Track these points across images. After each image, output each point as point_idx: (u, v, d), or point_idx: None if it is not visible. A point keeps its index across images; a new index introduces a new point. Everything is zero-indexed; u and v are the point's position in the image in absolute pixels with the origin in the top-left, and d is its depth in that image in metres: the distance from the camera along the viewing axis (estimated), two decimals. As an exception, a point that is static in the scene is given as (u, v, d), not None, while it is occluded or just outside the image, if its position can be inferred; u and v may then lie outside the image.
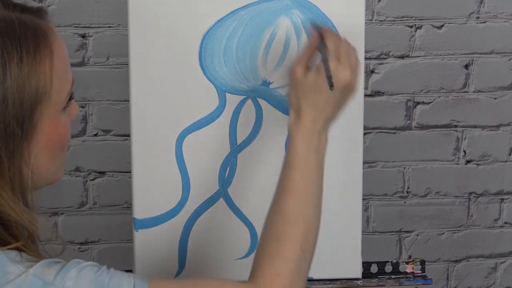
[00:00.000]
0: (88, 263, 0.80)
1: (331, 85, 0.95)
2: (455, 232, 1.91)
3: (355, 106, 1.22)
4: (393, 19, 1.79)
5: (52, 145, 0.82)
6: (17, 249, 0.79)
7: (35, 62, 0.77)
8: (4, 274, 0.76)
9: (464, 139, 1.86)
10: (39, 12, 0.82)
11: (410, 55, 1.81)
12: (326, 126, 0.99)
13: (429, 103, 1.84)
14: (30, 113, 0.77)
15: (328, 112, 0.97)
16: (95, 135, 1.78)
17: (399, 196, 1.88)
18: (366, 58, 1.63)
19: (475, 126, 1.86)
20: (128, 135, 1.19)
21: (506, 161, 1.89)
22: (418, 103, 1.84)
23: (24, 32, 0.78)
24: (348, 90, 0.98)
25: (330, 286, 1.25)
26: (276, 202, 0.96)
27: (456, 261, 1.93)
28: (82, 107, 1.76)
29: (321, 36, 1.01)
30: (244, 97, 1.19)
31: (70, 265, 0.79)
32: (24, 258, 0.78)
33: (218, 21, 1.17)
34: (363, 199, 1.26)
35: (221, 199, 1.22)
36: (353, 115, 1.21)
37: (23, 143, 0.78)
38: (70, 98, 0.85)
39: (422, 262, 1.33)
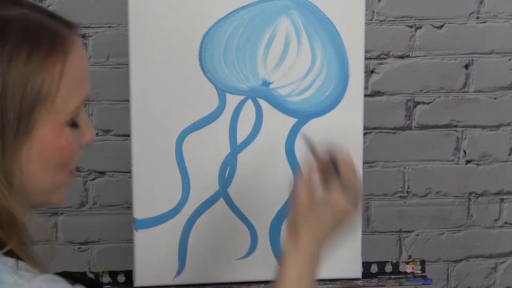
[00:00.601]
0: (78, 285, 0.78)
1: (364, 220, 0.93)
2: (455, 232, 1.91)
3: (355, 106, 1.22)
4: (393, 19, 1.79)
5: (49, 154, 0.79)
6: (13, 255, 0.76)
7: (45, 62, 0.77)
8: None
9: (464, 139, 1.86)
10: (68, 23, 0.82)
11: (410, 55, 1.81)
12: (322, 249, 0.96)
13: (429, 103, 1.84)
14: (30, 110, 0.76)
15: (327, 239, 0.96)
16: (95, 135, 1.78)
17: (399, 196, 1.88)
18: (366, 58, 1.63)
19: (475, 126, 1.86)
20: (128, 135, 1.19)
21: (506, 161, 1.89)
22: (418, 103, 1.84)
23: (41, 32, 0.77)
24: (348, 222, 0.97)
25: (330, 286, 1.25)
26: None
27: (456, 261, 1.93)
28: (82, 107, 1.76)
29: (332, 159, 0.97)
30: (244, 97, 1.19)
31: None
32: (22, 268, 0.76)
33: (218, 21, 1.17)
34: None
35: (221, 199, 1.22)
36: (353, 116, 1.21)
37: (17, 139, 0.76)
38: (76, 124, 0.82)
39: (422, 262, 1.33)
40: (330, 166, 0.96)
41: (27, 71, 0.76)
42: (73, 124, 0.81)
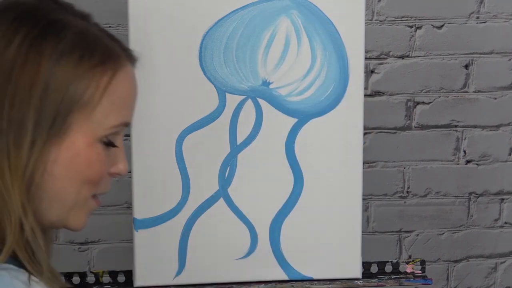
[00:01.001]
0: None
1: None
2: (455, 232, 1.91)
3: (355, 106, 1.22)
4: (393, 19, 1.79)
5: (76, 164, 0.77)
6: (15, 259, 0.74)
7: (93, 71, 0.77)
8: None
9: (464, 139, 1.86)
10: (126, 48, 0.83)
11: (410, 55, 1.81)
12: None
13: (429, 103, 1.84)
14: (67, 112, 0.75)
15: None
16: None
17: (399, 196, 1.88)
18: (366, 58, 1.63)
19: (475, 126, 1.86)
20: (128, 135, 1.19)
21: (506, 161, 1.89)
22: (418, 103, 1.84)
23: (97, 43, 0.78)
24: None
25: (330, 286, 1.25)
26: None
27: (456, 261, 1.93)
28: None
29: None
30: (244, 97, 1.19)
31: None
32: (35, 284, 0.74)
33: (218, 21, 1.17)
34: (363, 199, 1.26)
35: (221, 199, 1.22)
36: (353, 116, 1.21)
37: (49, 136, 0.75)
38: (113, 145, 0.81)
39: (422, 262, 1.33)
40: None
41: (74, 73, 0.75)
42: (108, 144, 0.80)
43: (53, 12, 0.79)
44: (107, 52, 0.79)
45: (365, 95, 1.53)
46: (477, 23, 1.81)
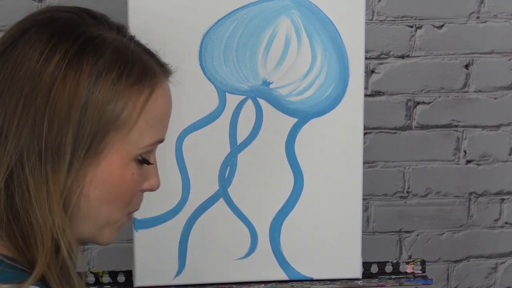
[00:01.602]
0: None
1: None
2: (455, 232, 1.91)
3: (355, 106, 1.22)
4: (393, 19, 1.79)
5: (111, 184, 0.76)
6: (42, 278, 0.72)
7: (131, 89, 0.75)
8: None
9: (464, 139, 1.86)
10: (163, 64, 0.82)
11: (410, 55, 1.81)
12: None
13: (429, 103, 1.84)
14: (105, 132, 0.74)
15: None
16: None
17: (399, 196, 1.88)
18: (366, 58, 1.63)
19: (475, 126, 1.86)
20: (128, 135, 1.19)
21: (506, 161, 1.89)
22: (418, 103, 1.84)
23: (135, 61, 0.77)
24: None
25: (330, 286, 1.25)
26: None
27: (456, 261, 1.93)
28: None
29: None
30: (244, 97, 1.19)
31: None
32: None
33: (218, 21, 1.17)
34: (363, 199, 1.26)
35: (221, 199, 1.22)
36: (353, 116, 1.21)
37: (86, 157, 0.73)
38: (148, 162, 0.80)
39: (423, 262, 1.33)
40: None
41: (112, 92, 0.74)
42: (142, 161, 0.79)
43: (91, 28, 0.78)
44: (144, 69, 0.78)
45: (365, 95, 1.53)
46: (477, 23, 1.81)
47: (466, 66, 1.83)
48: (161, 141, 0.82)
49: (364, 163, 1.25)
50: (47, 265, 0.72)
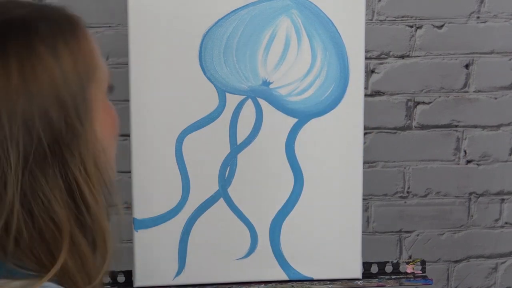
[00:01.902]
0: None
1: None
2: (456, 232, 1.91)
3: (355, 106, 1.22)
4: (393, 19, 1.79)
5: (111, 126, 0.79)
6: (57, 276, 0.71)
7: (78, 42, 0.76)
8: None
9: (465, 139, 1.86)
10: (64, 8, 0.82)
11: (410, 55, 1.81)
12: None
13: (429, 103, 1.84)
14: (87, 90, 0.75)
15: None
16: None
17: (399, 196, 1.87)
18: (366, 58, 1.63)
19: (475, 126, 1.86)
20: (128, 135, 1.19)
21: (506, 161, 1.89)
22: (418, 103, 1.83)
23: (59, 17, 0.77)
24: None
25: (330, 286, 1.25)
26: None
27: (457, 261, 1.93)
28: (82, 107, 1.76)
29: None
30: (244, 97, 1.19)
31: None
32: None
33: (218, 21, 1.17)
34: (363, 199, 1.26)
35: (221, 199, 1.22)
36: (353, 116, 1.21)
37: (92, 121, 0.74)
38: (111, 90, 0.83)
39: (423, 262, 1.33)
40: None
41: (72, 57, 0.74)
42: (110, 90, 0.81)
43: (15, 11, 0.76)
44: (68, 19, 0.78)
45: (365, 95, 1.53)
46: (478, 23, 1.80)
47: (466, 66, 1.83)
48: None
49: (364, 163, 1.25)
50: (66, 259, 0.71)
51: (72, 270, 0.72)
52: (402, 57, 1.81)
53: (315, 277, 1.25)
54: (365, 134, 1.78)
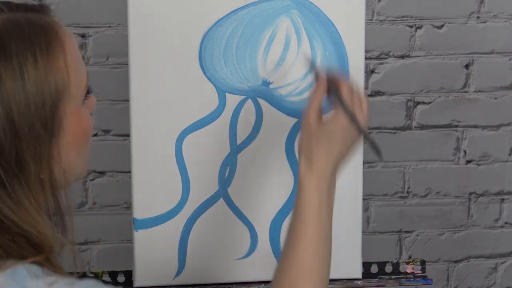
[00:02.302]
0: (111, 286, 0.79)
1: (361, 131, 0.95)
2: (456, 232, 1.91)
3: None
4: (393, 19, 1.79)
5: (78, 140, 0.81)
6: (39, 263, 0.76)
7: (50, 59, 0.76)
8: None
9: (465, 139, 1.86)
10: (43, 9, 0.81)
11: (410, 55, 1.81)
12: (336, 172, 0.97)
13: (429, 103, 1.84)
14: (54, 111, 0.76)
15: (340, 159, 0.96)
16: (95, 135, 1.78)
17: (399, 196, 1.88)
18: (366, 58, 1.63)
19: (475, 126, 1.86)
20: (128, 135, 1.19)
21: (506, 161, 1.89)
22: (418, 103, 1.84)
23: (34, 31, 0.76)
24: (358, 141, 0.98)
25: (330, 286, 1.25)
26: (288, 250, 0.95)
27: (457, 261, 1.93)
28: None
29: (333, 82, 0.99)
30: (244, 97, 1.19)
31: (93, 286, 0.77)
32: (45, 273, 0.76)
33: (218, 21, 1.17)
34: (363, 199, 1.26)
35: (221, 199, 1.22)
36: (353, 115, 1.21)
37: (51, 143, 0.76)
38: (89, 92, 0.84)
39: (423, 262, 1.33)
40: (331, 86, 0.98)
41: (40, 76, 0.75)
42: (84, 99, 0.82)
43: None
44: (44, 31, 0.77)
45: (365, 95, 1.52)
46: (478, 23, 1.81)
47: (466, 66, 1.83)
48: (87, 72, 0.84)
49: (364, 163, 1.25)
50: (50, 253, 0.77)
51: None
52: (402, 57, 1.81)
53: (315, 277, 1.25)
54: (365, 134, 1.78)
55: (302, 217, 0.93)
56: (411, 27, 1.80)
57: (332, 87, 0.98)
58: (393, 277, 1.30)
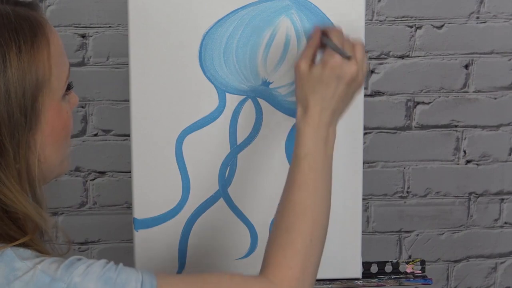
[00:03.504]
0: (96, 260, 0.81)
1: (348, 57, 0.96)
2: (455, 232, 1.91)
3: (355, 106, 1.22)
4: (393, 19, 1.79)
5: (57, 133, 0.82)
6: (25, 244, 0.79)
7: (33, 51, 0.78)
8: (12, 271, 0.76)
9: (464, 139, 1.86)
10: (32, 5, 0.84)
11: (410, 55, 1.81)
12: (334, 120, 0.98)
13: (429, 103, 1.84)
14: (33, 101, 0.78)
15: (335, 105, 0.97)
16: (95, 135, 1.78)
17: (399, 196, 1.88)
18: (366, 58, 1.63)
19: (475, 126, 1.86)
20: (128, 135, 1.19)
21: (506, 161, 1.89)
22: (418, 103, 1.84)
23: (20, 23, 0.79)
24: (355, 84, 0.98)
25: (330, 286, 1.25)
26: (285, 195, 0.97)
27: (456, 261, 1.93)
28: (82, 107, 1.76)
29: (325, 33, 1.02)
30: (244, 97, 1.19)
31: (78, 261, 0.79)
32: (32, 254, 0.78)
33: (218, 21, 1.17)
34: (363, 199, 1.26)
35: (221, 199, 1.22)
36: (353, 115, 1.21)
37: (28, 133, 0.78)
38: (69, 87, 0.86)
39: (422, 262, 1.33)
40: (323, 37, 1.01)
41: (22, 66, 0.77)
42: (65, 95, 0.84)
43: None
44: (31, 24, 0.80)
45: (365, 95, 1.53)
46: (477, 23, 1.81)
47: (466, 66, 1.83)
48: (69, 66, 0.86)
49: (364, 163, 1.25)
50: (32, 237, 0.80)
51: None
52: (402, 57, 1.81)
53: (315, 277, 1.25)
54: (365, 134, 1.79)
55: (299, 159, 0.95)
56: (411, 27, 1.80)
57: (324, 37, 1.00)
58: (393, 277, 1.30)
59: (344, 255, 1.25)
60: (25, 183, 0.79)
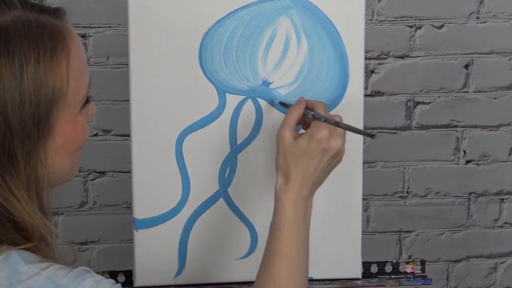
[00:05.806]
0: (104, 277, 0.80)
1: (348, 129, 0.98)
2: (455, 232, 1.91)
3: (355, 106, 1.22)
4: (393, 19, 1.79)
5: (69, 145, 0.82)
6: (31, 250, 0.78)
7: (52, 63, 0.77)
8: (16, 274, 0.76)
9: (464, 139, 1.86)
10: (57, 13, 0.82)
11: (410, 55, 1.81)
12: (313, 192, 0.99)
13: (429, 103, 1.84)
14: (47, 113, 0.77)
15: (316, 179, 0.98)
16: (95, 135, 1.78)
17: (399, 196, 1.88)
18: (366, 58, 1.63)
19: (475, 126, 1.86)
20: (128, 135, 1.19)
21: (506, 161, 1.89)
22: (418, 103, 1.84)
23: (41, 33, 0.77)
24: (338, 158, 1.00)
25: (330, 286, 1.25)
26: (266, 267, 0.96)
27: (456, 261, 1.93)
28: (82, 107, 1.76)
29: (310, 106, 1.04)
30: (244, 97, 1.19)
31: (86, 273, 0.79)
32: (38, 259, 0.78)
33: (218, 21, 1.17)
34: (363, 199, 1.26)
35: (221, 199, 1.22)
36: (353, 115, 1.21)
37: (39, 144, 0.77)
38: (88, 101, 0.84)
39: (422, 262, 1.33)
40: (306, 110, 1.02)
41: (39, 77, 0.76)
42: (83, 107, 0.83)
43: None
44: (52, 34, 0.78)
45: (365, 95, 1.53)
46: (477, 23, 1.81)
47: (466, 66, 1.83)
48: (90, 81, 0.84)
49: (364, 163, 1.25)
50: (38, 242, 0.80)
51: None
52: (402, 57, 1.81)
53: (314, 277, 1.25)
54: (365, 134, 1.79)
55: (279, 231, 0.94)
56: (411, 27, 1.80)
57: (307, 110, 1.02)
58: (393, 277, 1.30)
59: (344, 255, 1.25)
60: (33, 193, 0.78)
